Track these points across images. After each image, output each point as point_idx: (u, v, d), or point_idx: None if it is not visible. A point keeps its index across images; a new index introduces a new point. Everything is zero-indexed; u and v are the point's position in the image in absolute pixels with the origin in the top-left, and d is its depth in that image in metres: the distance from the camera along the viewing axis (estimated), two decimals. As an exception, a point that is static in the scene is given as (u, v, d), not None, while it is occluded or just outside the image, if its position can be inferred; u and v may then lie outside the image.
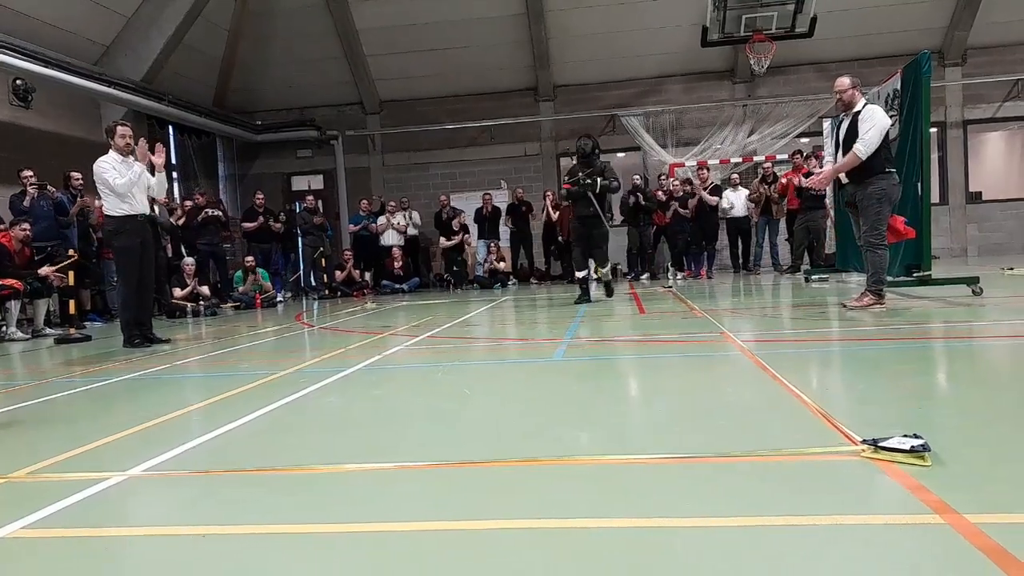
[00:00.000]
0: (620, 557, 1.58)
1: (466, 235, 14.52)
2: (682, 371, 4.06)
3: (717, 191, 13.30)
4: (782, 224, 13.15)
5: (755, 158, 14.45)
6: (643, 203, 13.46)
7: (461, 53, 15.31)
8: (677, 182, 13.69)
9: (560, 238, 13.90)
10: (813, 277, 10.21)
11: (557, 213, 13.64)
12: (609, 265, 8.80)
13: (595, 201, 8.21)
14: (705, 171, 13.62)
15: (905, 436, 2.16)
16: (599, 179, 8.19)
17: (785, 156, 13.59)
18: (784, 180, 12.61)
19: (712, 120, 15.32)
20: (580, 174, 8.31)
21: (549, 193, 14.21)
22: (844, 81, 6.23)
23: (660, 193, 13.63)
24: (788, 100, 15.01)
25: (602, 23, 14.64)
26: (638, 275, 13.65)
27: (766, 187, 13.01)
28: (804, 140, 14.69)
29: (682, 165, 14.62)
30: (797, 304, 7.64)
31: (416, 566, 1.61)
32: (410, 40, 15.14)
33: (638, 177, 13.98)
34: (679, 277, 13.01)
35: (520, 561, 1.60)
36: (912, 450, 2.07)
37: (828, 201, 11.76)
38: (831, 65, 14.59)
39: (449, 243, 14.36)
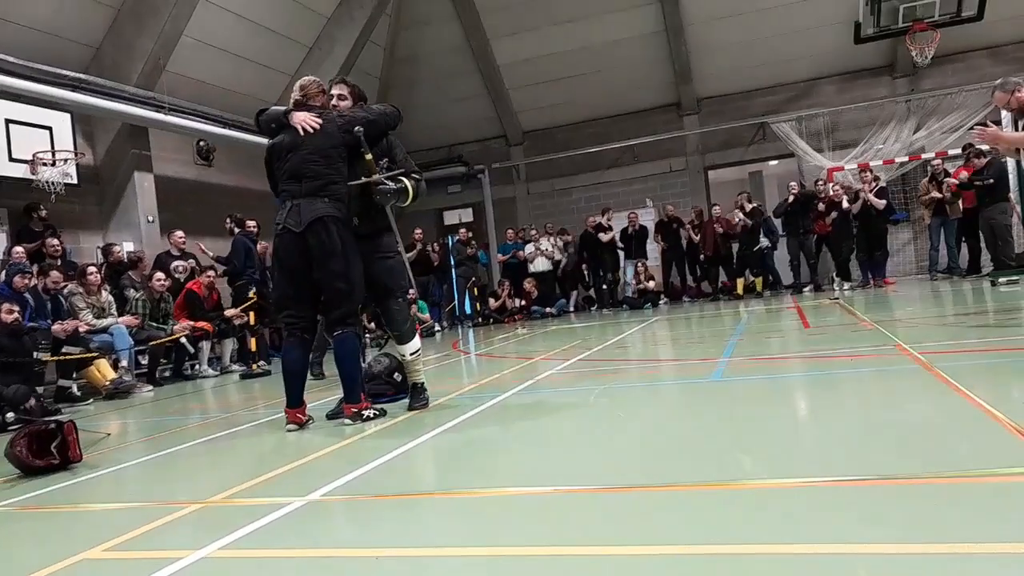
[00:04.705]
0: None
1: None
2: (853, 388, 3.81)
3: (883, 193, 12.41)
4: (958, 225, 12.02)
5: (924, 155, 13.32)
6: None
7: (600, 76, 15.33)
8: (837, 187, 12.88)
9: (702, 255, 13.76)
10: (1001, 280, 9.26)
11: (698, 233, 13.76)
12: (417, 341, 4.44)
13: (390, 215, 4.29)
14: (868, 173, 12.74)
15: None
16: (407, 181, 4.22)
17: (958, 151, 12.47)
18: (955, 178, 11.56)
19: (872, 119, 14.30)
20: (371, 169, 4.16)
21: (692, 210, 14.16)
22: (999, 96, 5.39)
23: (820, 204, 12.80)
24: (958, 90, 13.72)
25: (745, 32, 14.14)
26: (800, 287, 12.96)
27: (936, 187, 11.97)
28: (980, 131, 13.38)
29: (841, 169, 13.74)
30: (983, 311, 6.97)
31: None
32: (549, 69, 15.34)
33: (795, 185, 13.25)
34: (845, 287, 12.23)
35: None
36: None
37: (1012, 195, 10.65)
38: (1007, 48, 13.32)
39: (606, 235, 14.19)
